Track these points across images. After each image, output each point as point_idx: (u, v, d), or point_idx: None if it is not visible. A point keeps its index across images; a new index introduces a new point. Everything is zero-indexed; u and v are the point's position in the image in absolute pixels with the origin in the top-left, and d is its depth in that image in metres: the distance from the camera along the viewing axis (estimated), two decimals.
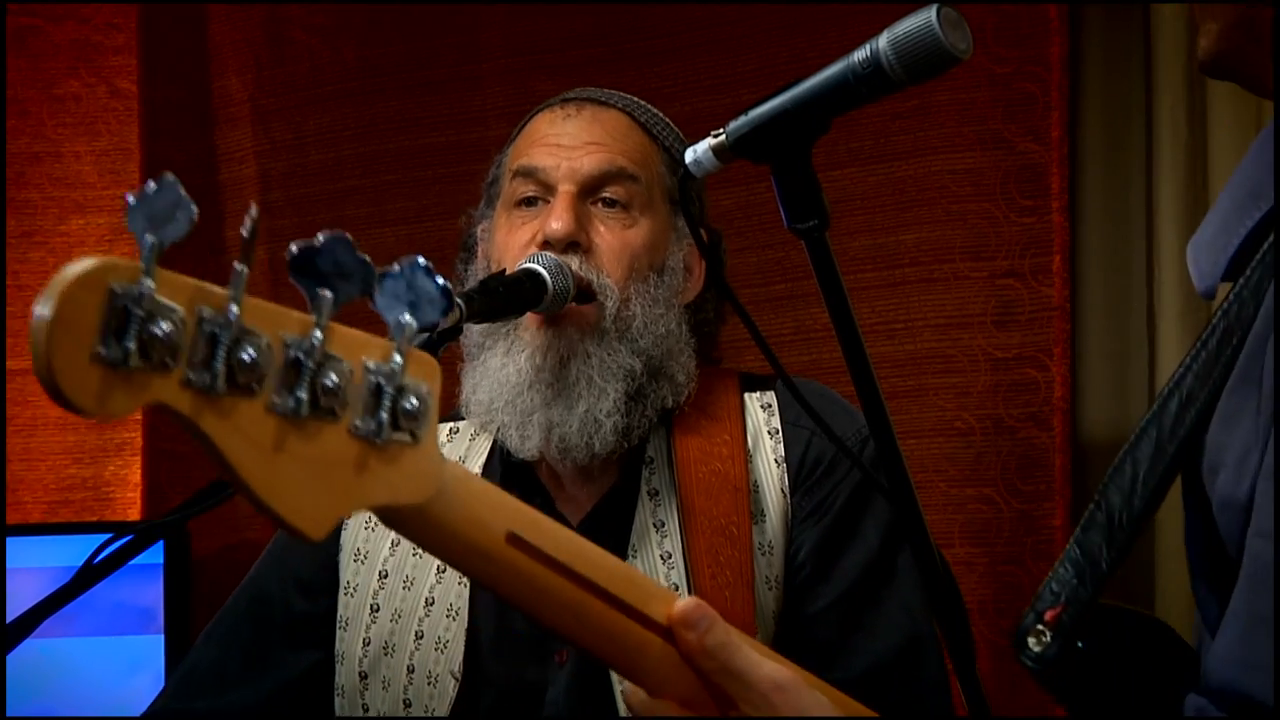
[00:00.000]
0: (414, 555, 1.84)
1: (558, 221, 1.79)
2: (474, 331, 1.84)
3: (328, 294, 0.91)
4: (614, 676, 1.72)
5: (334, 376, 0.91)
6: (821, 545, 1.77)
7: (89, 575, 1.43)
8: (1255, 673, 0.99)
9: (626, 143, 1.86)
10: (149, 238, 0.85)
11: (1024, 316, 2.66)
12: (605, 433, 1.78)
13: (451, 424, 1.95)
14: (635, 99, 1.93)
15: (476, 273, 1.91)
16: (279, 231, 3.18)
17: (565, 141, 1.85)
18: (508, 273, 1.79)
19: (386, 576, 1.85)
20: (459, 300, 1.70)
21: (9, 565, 2.77)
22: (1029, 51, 2.66)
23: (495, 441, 1.87)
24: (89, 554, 1.43)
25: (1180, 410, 1.14)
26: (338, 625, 1.84)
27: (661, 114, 1.94)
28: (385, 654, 1.80)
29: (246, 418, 0.89)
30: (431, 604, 1.81)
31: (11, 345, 3.24)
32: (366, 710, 1.80)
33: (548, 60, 2.98)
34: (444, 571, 1.82)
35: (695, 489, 1.79)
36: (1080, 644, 1.14)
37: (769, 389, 1.88)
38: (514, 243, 1.83)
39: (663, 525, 1.79)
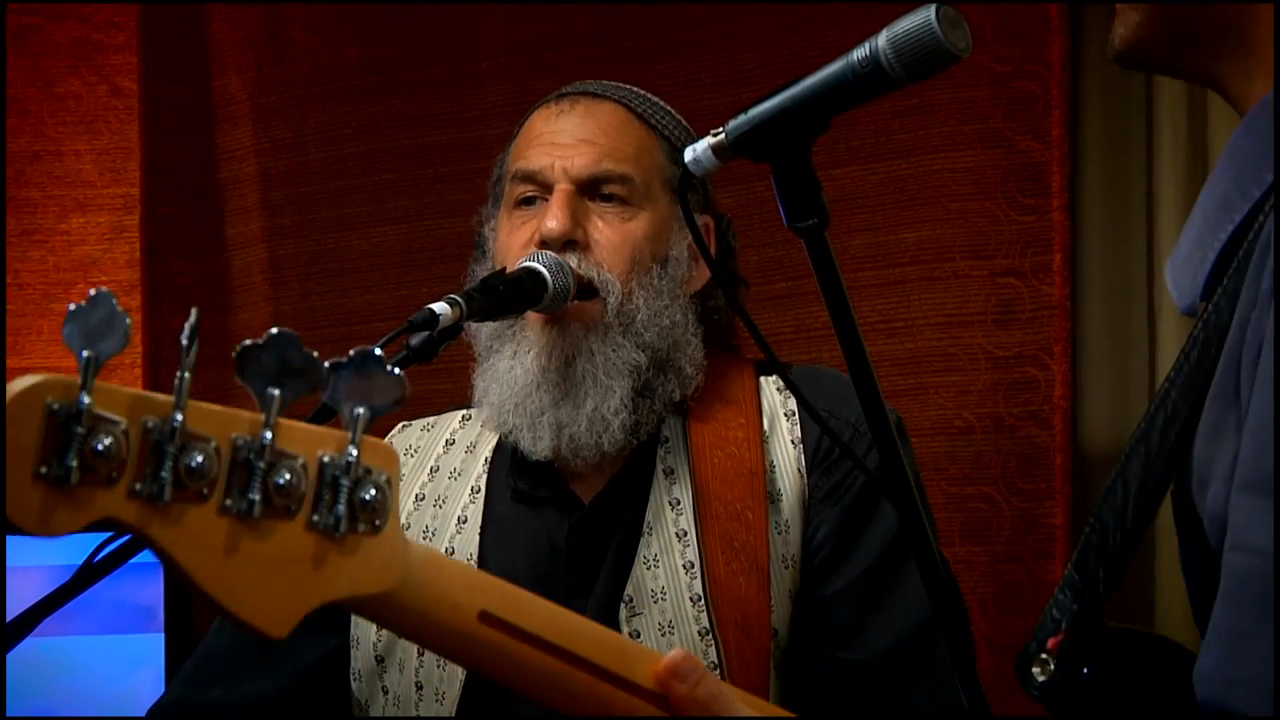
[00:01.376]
0: (424, 539, 1.85)
1: (553, 220, 1.80)
2: (483, 334, 1.85)
3: (275, 392, 0.91)
4: None
5: (286, 474, 0.92)
6: (840, 526, 1.77)
7: (89, 574, 1.43)
8: (1237, 688, 0.98)
9: (621, 137, 1.86)
10: (85, 353, 0.85)
11: (1024, 315, 2.66)
12: (614, 431, 1.79)
13: (465, 410, 1.96)
14: (633, 89, 1.93)
15: (485, 273, 1.92)
16: (279, 230, 3.18)
17: (559, 139, 1.85)
18: (508, 271, 1.80)
19: None
20: (459, 298, 1.70)
21: (9, 564, 2.77)
22: (1029, 50, 2.66)
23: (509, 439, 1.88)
24: (89, 552, 1.43)
25: (1166, 426, 1.13)
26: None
27: (662, 102, 1.94)
28: (397, 637, 1.81)
29: (197, 523, 0.89)
30: None
31: (12, 345, 3.24)
32: (386, 693, 1.81)
33: (548, 59, 2.98)
34: (452, 554, 1.84)
35: (710, 474, 1.80)
36: (1085, 669, 1.14)
37: (784, 370, 1.89)
38: (514, 242, 1.84)
39: (678, 504, 1.80)
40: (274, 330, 0.92)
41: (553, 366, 1.80)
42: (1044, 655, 1.16)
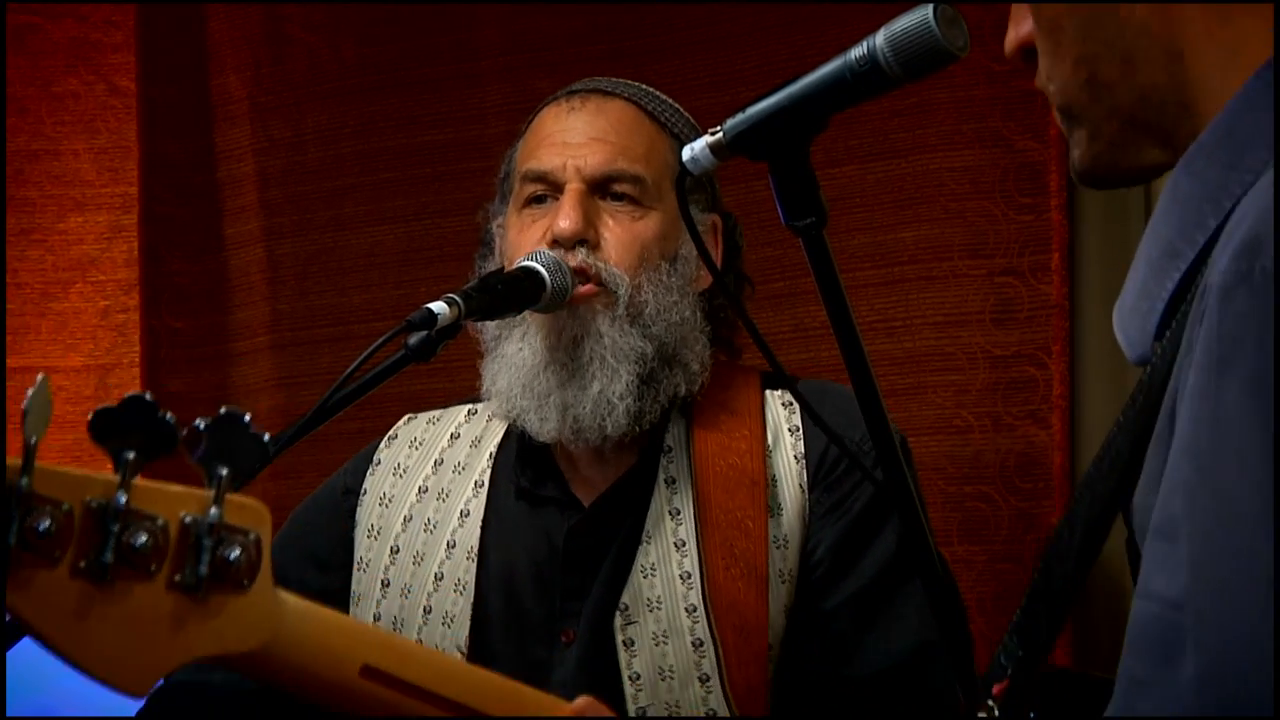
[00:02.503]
0: (425, 532, 1.86)
1: (565, 220, 1.80)
2: (490, 325, 1.85)
3: (130, 455, 0.92)
4: (622, 659, 1.73)
5: (143, 535, 0.92)
6: (840, 543, 1.77)
7: None
8: None
9: (632, 136, 1.86)
10: None
11: (1023, 314, 2.66)
12: (618, 415, 1.79)
13: (471, 405, 1.97)
14: (643, 87, 1.93)
15: (491, 270, 1.92)
16: (278, 229, 3.18)
17: (570, 138, 1.85)
18: (506, 270, 1.80)
19: (398, 552, 1.87)
20: (457, 298, 1.71)
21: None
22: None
23: (511, 424, 1.88)
24: None
25: (1109, 473, 1.12)
26: (351, 601, 1.86)
27: (671, 101, 1.94)
28: (395, 629, 1.82)
29: (48, 586, 0.90)
30: (440, 579, 1.83)
31: (10, 344, 3.24)
32: None
33: (546, 58, 2.97)
34: (453, 547, 1.84)
35: (712, 482, 1.80)
36: (1032, 714, 1.13)
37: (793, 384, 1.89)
38: (525, 241, 1.84)
39: (678, 513, 1.80)
40: (130, 394, 0.93)
41: (561, 346, 1.81)
42: (990, 702, 1.15)
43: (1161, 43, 1.08)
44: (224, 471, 0.96)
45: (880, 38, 1.20)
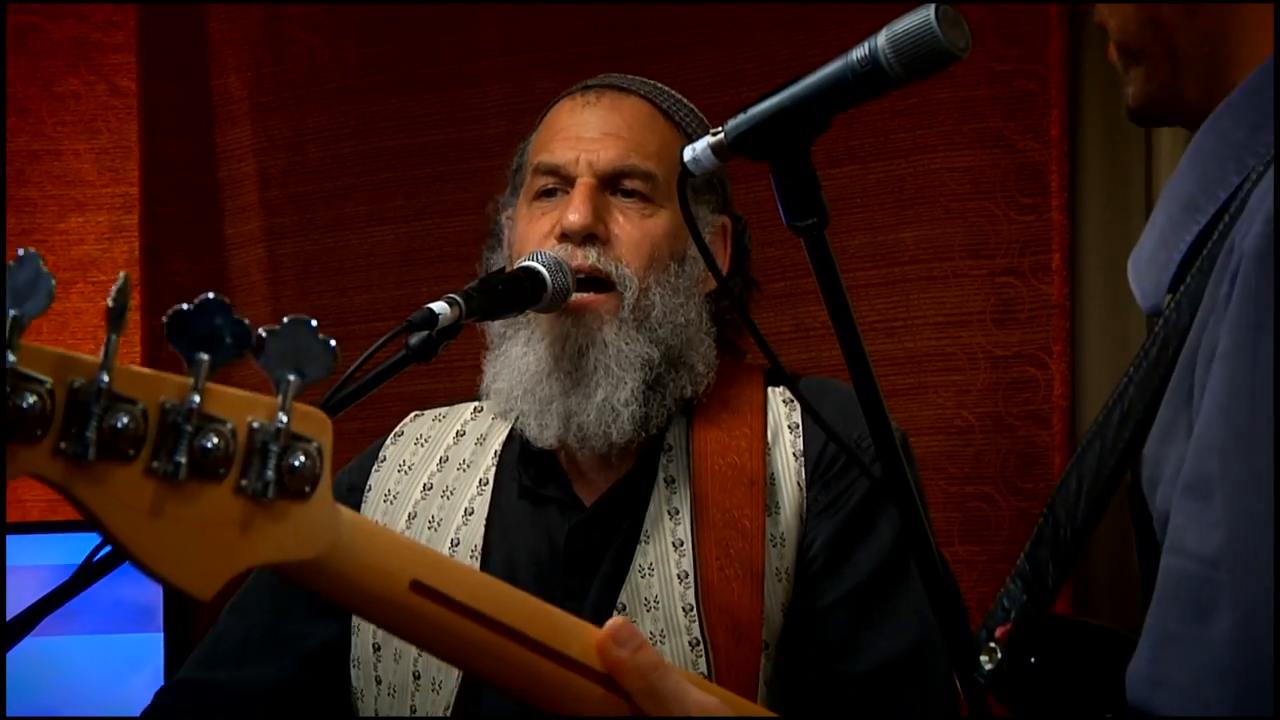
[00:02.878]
0: (430, 529, 1.86)
1: (575, 214, 1.80)
2: (496, 323, 1.85)
3: (204, 356, 0.92)
4: None
5: (214, 438, 0.93)
6: (835, 539, 1.77)
7: (88, 573, 1.43)
8: (1163, 691, 0.98)
9: (646, 132, 1.86)
10: (12, 312, 0.87)
11: (1023, 314, 2.66)
12: (623, 422, 1.79)
13: (477, 403, 1.97)
14: (658, 85, 1.93)
15: (499, 262, 1.92)
16: (278, 230, 3.18)
17: (584, 133, 1.85)
18: (507, 270, 1.80)
19: None
20: (458, 298, 1.70)
21: (9, 564, 2.77)
22: (1028, 49, 2.66)
23: (516, 425, 1.89)
24: (88, 552, 1.43)
25: (1121, 422, 1.13)
26: None
27: (685, 99, 1.94)
28: None
29: (122, 484, 0.91)
30: None
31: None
32: (380, 682, 1.82)
33: (546, 58, 2.98)
34: (457, 545, 1.84)
35: (709, 480, 1.80)
36: (1033, 659, 1.14)
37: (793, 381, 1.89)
38: (534, 234, 1.84)
39: (676, 513, 1.80)
40: (205, 295, 0.93)
41: (565, 355, 1.80)
42: (992, 644, 1.16)
43: None
44: (291, 378, 0.96)
45: (882, 38, 1.20)
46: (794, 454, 1.82)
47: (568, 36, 2.97)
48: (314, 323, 0.97)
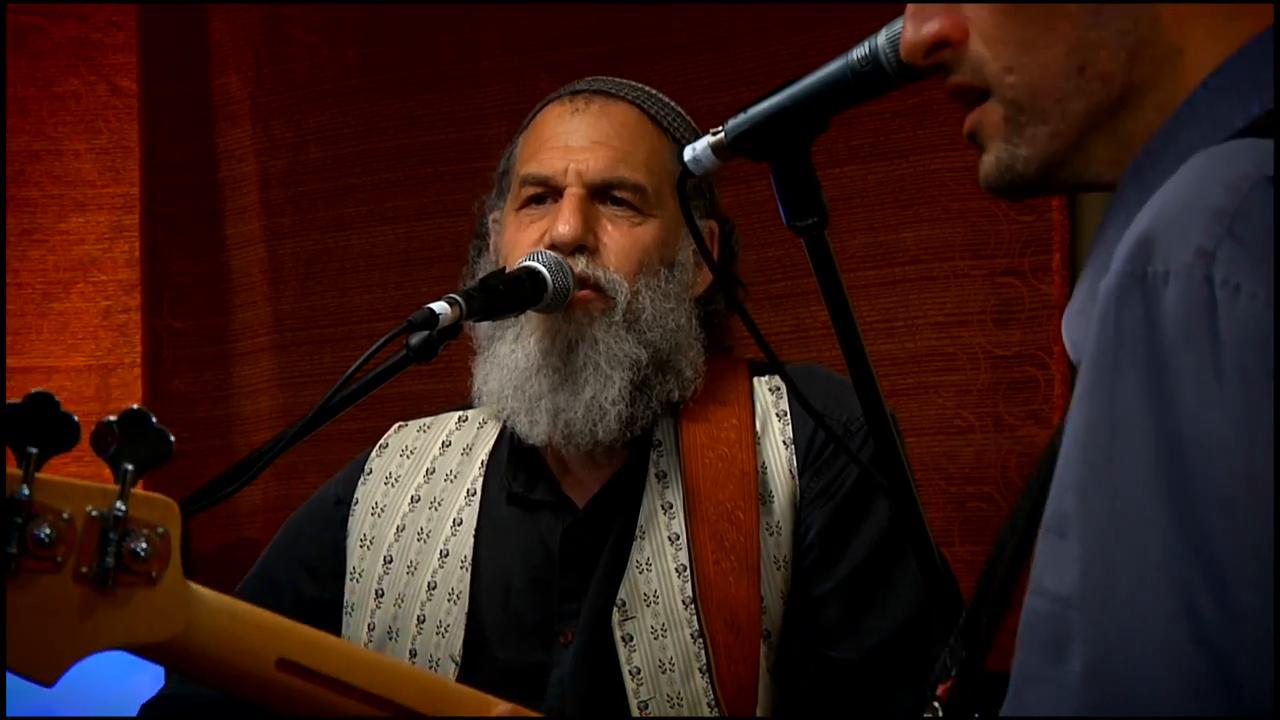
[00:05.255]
0: (419, 540, 1.86)
1: (565, 226, 1.79)
2: (483, 324, 1.84)
3: (33, 450, 0.94)
4: (621, 655, 1.73)
5: (47, 529, 0.94)
6: (830, 526, 1.77)
7: None
8: None
9: (635, 141, 1.85)
10: None
11: (1024, 314, 2.66)
12: (610, 420, 1.79)
13: (461, 413, 1.96)
14: (647, 89, 1.93)
15: (486, 266, 1.91)
16: (279, 230, 3.18)
17: (572, 141, 1.84)
18: (508, 270, 1.79)
19: (391, 562, 1.86)
20: (458, 298, 1.70)
21: None
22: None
23: (503, 428, 1.88)
24: None
25: (1045, 472, 1.11)
26: (344, 610, 1.85)
27: (674, 104, 1.93)
28: (389, 639, 1.81)
29: None
30: (434, 588, 1.82)
31: (12, 344, 3.24)
32: None
33: (548, 58, 2.98)
34: (446, 556, 1.84)
35: (701, 474, 1.80)
36: (976, 715, 1.13)
37: (780, 369, 1.89)
38: (522, 241, 1.84)
39: (670, 507, 1.80)
40: (33, 391, 0.95)
41: (555, 351, 1.80)
42: (935, 703, 1.16)
43: (1169, 36, 1.06)
44: (129, 467, 0.98)
45: (882, 38, 1.20)
46: (783, 442, 1.82)
47: (568, 36, 2.97)
48: (153, 417, 0.99)
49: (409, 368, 1.69)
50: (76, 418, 0.95)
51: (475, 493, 1.87)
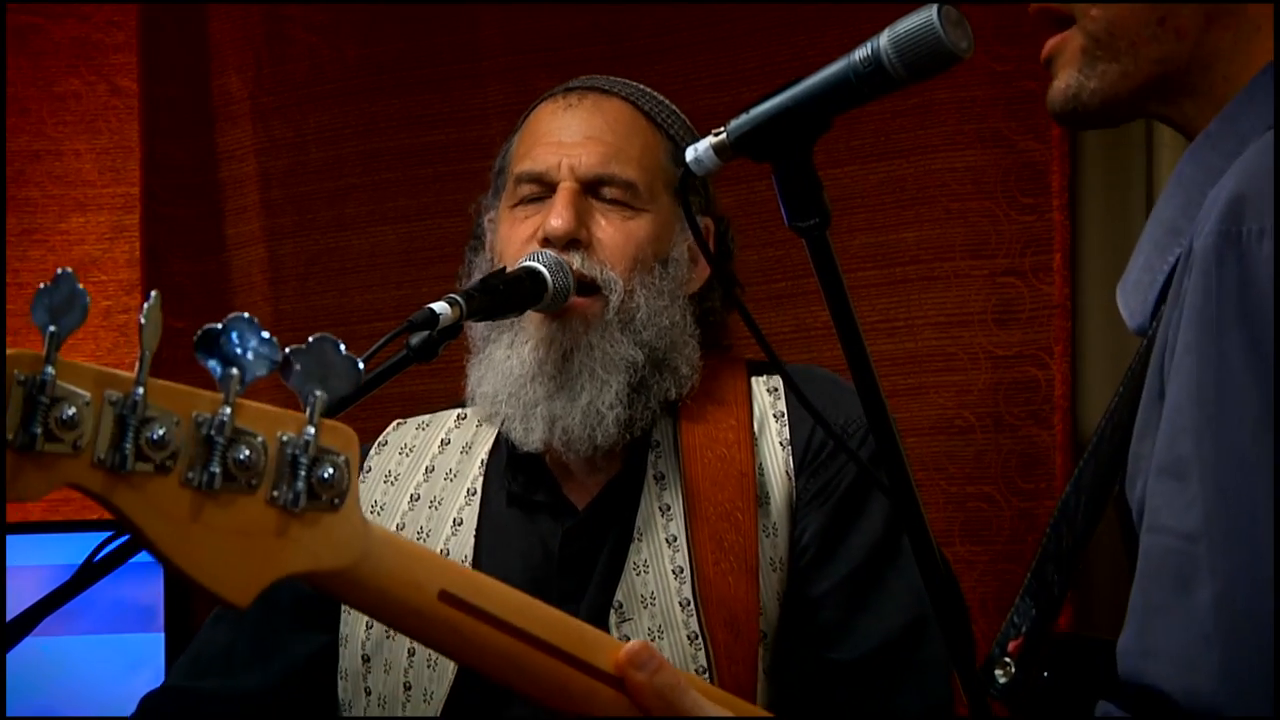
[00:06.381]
0: (418, 540, 1.85)
1: (557, 219, 1.79)
2: (478, 325, 1.84)
3: (234, 372, 0.96)
4: None
5: (246, 450, 0.97)
6: (826, 528, 1.78)
7: (89, 573, 1.43)
8: (1152, 660, 1.03)
9: (627, 137, 1.86)
10: (51, 328, 0.93)
11: (1024, 314, 2.66)
12: (607, 424, 1.79)
13: (460, 410, 1.96)
14: (640, 87, 1.93)
15: (482, 265, 1.91)
16: (279, 230, 3.18)
17: (565, 137, 1.85)
18: (508, 270, 1.79)
19: None
20: (459, 298, 1.70)
21: (9, 564, 2.77)
22: (1029, 50, 2.64)
23: (501, 429, 1.88)
24: (89, 552, 1.43)
25: (1112, 434, 1.19)
26: (343, 608, 1.85)
27: (668, 102, 1.93)
28: (387, 636, 1.81)
29: (160, 493, 0.94)
30: None
31: (11, 344, 3.24)
32: (369, 694, 1.81)
33: (548, 58, 2.97)
34: (446, 556, 1.83)
35: (700, 475, 1.80)
36: (1045, 673, 1.18)
37: (776, 373, 1.88)
38: (515, 238, 1.84)
39: (668, 509, 1.80)
40: (237, 314, 0.98)
41: (550, 359, 1.80)
42: (1005, 659, 1.20)
43: (1251, 13, 1.12)
44: (318, 394, 0.99)
45: (884, 39, 1.20)
46: (780, 443, 1.82)
47: (569, 36, 2.97)
48: (340, 342, 1.00)
49: (409, 368, 1.69)
50: (275, 339, 0.98)
51: (475, 493, 1.87)
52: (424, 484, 1.90)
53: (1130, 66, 1.15)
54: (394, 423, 2.00)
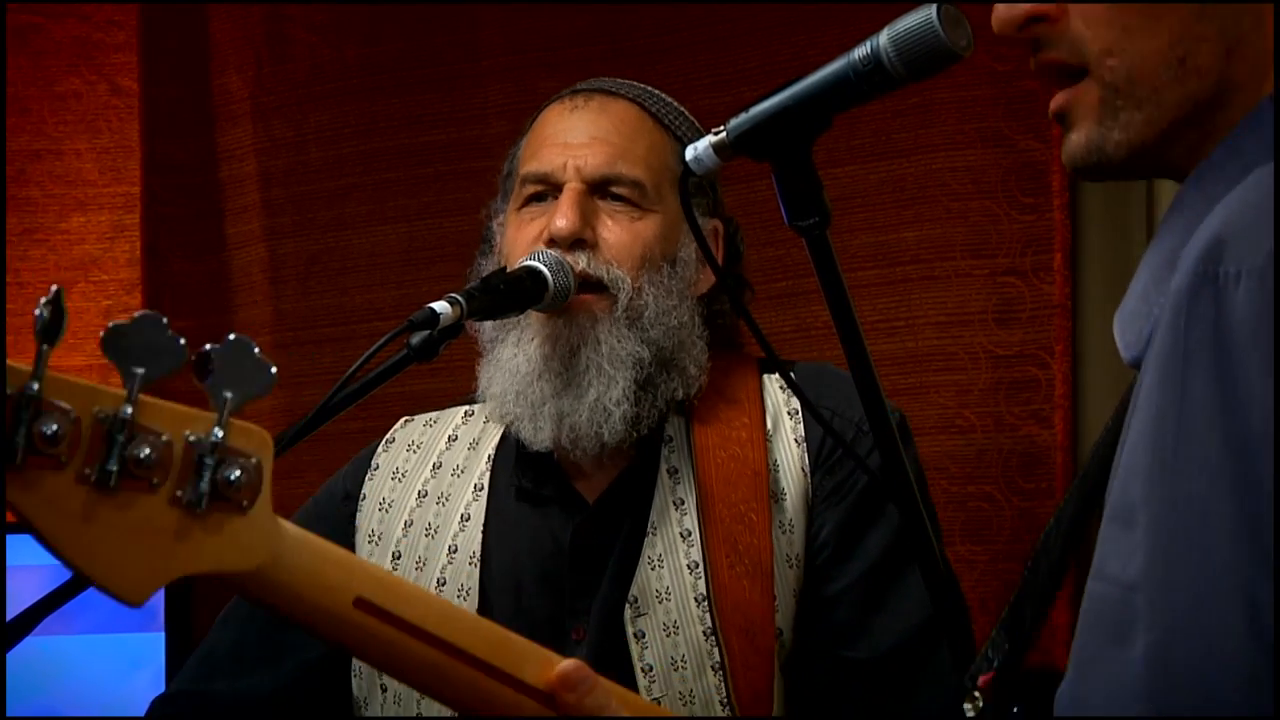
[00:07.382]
0: (426, 536, 1.85)
1: (563, 219, 1.79)
2: (487, 326, 1.84)
3: (138, 370, 0.95)
4: (633, 652, 1.73)
5: (147, 449, 0.96)
6: (843, 526, 1.77)
7: None
8: (1083, 709, 1.00)
9: (634, 138, 1.86)
10: None
11: (1025, 314, 2.66)
12: (614, 421, 1.78)
13: (467, 406, 1.96)
14: (647, 88, 1.93)
15: (490, 268, 1.91)
16: (280, 229, 3.18)
17: (571, 138, 1.85)
18: (509, 270, 1.79)
19: (400, 558, 1.86)
20: (459, 297, 1.70)
21: (9, 563, 2.77)
22: (1030, 49, 2.65)
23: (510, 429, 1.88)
24: None
25: (1095, 470, 1.15)
26: None
27: (675, 102, 1.93)
28: None
29: (54, 488, 0.94)
30: (443, 584, 1.82)
31: (12, 344, 3.24)
32: (385, 690, 1.81)
33: (548, 58, 2.98)
34: (455, 552, 1.83)
35: (714, 475, 1.80)
36: (1015, 709, 1.16)
37: (788, 371, 1.88)
38: (522, 239, 1.84)
39: (682, 503, 1.80)
40: (139, 313, 0.97)
41: (556, 356, 1.80)
42: (975, 693, 1.18)
43: (1266, 42, 1.07)
44: (228, 395, 0.99)
45: (884, 38, 1.20)
46: (795, 440, 1.82)
47: (569, 36, 2.97)
48: (255, 345, 1.01)
49: (410, 367, 1.69)
50: (183, 340, 0.97)
51: (483, 488, 1.87)
52: (431, 480, 1.90)
53: (1154, 113, 1.10)
54: (401, 420, 2.00)
